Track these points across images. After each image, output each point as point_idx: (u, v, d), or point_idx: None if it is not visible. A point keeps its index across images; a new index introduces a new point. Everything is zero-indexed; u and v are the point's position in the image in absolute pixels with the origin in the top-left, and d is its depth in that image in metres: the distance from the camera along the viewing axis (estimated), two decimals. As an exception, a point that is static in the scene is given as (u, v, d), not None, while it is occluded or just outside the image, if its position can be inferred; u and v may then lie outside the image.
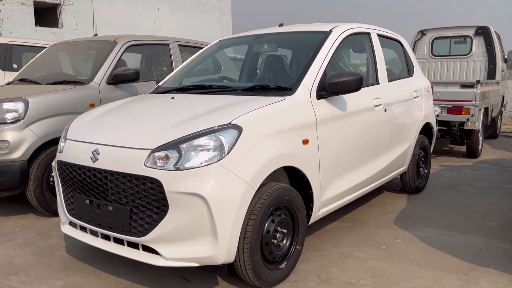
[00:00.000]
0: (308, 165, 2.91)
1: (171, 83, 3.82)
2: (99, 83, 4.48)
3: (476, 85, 6.24)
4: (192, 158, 2.40)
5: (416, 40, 8.72)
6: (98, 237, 2.76)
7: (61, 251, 3.36)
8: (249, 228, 2.47)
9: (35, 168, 3.94)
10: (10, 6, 8.99)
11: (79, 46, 5.38)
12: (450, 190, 5.05)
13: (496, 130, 9.03)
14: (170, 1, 12.43)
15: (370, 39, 3.99)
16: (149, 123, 2.73)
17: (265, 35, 3.97)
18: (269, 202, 2.56)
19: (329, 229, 3.76)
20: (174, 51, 5.44)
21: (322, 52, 3.28)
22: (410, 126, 4.41)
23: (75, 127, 3.03)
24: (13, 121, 3.83)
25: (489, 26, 8.06)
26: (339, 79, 3.03)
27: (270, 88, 3.16)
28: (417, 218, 4.03)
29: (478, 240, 3.49)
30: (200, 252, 2.40)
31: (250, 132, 2.53)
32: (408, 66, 4.70)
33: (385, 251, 3.30)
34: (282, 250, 2.78)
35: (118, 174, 2.51)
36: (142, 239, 2.48)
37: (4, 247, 3.44)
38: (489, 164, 6.49)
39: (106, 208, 2.60)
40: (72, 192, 2.86)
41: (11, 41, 6.81)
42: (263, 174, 2.54)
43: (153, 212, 2.44)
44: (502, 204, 4.43)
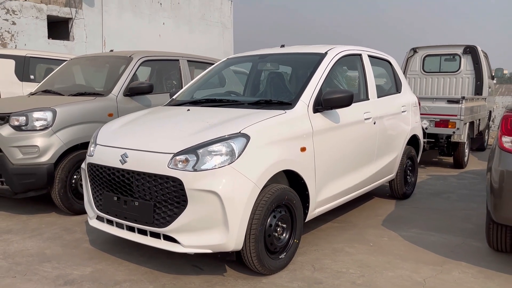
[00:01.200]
0: (305, 169, 3.37)
1: (184, 96, 4.29)
2: (117, 95, 4.95)
3: (461, 101, 6.73)
4: (207, 161, 2.86)
5: (408, 57, 9.24)
6: (124, 229, 3.20)
7: (86, 243, 3.79)
8: (255, 222, 2.92)
9: (60, 170, 4.38)
10: (25, 20, 9.49)
11: (97, 60, 5.86)
12: (435, 196, 5.51)
13: (483, 143, 9.52)
14: (174, 16, 12.98)
15: (362, 60, 4.48)
16: (170, 131, 3.20)
17: (268, 55, 4.46)
18: (271, 200, 3.01)
19: (323, 228, 4.20)
20: (183, 66, 5.92)
21: (318, 71, 3.76)
22: (398, 137, 4.88)
23: (104, 134, 3.49)
24: (42, 128, 4.28)
25: (477, 45, 8.59)
26: (333, 96, 3.51)
27: (273, 102, 3.63)
28: (403, 220, 4.48)
29: (454, 239, 3.94)
30: (213, 240, 2.84)
31: (257, 140, 3.00)
32: (396, 83, 5.19)
33: (372, 247, 3.74)
34: (282, 242, 3.22)
35: (144, 174, 2.97)
36: (163, 229, 2.92)
37: (34, 240, 3.87)
38: (474, 174, 6.96)
39: (132, 204, 3.05)
40: (101, 190, 3.31)
41: (28, 54, 7.27)
42: (267, 176, 3.00)
43: (174, 206, 2.89)
44: (480, 209, 4.89)
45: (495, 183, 3.06)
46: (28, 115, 4.28)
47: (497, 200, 3.06)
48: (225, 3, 15.00)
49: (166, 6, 12.65)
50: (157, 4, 12.38)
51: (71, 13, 10.31)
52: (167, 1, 12.67)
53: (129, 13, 11.66)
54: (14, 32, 9.31)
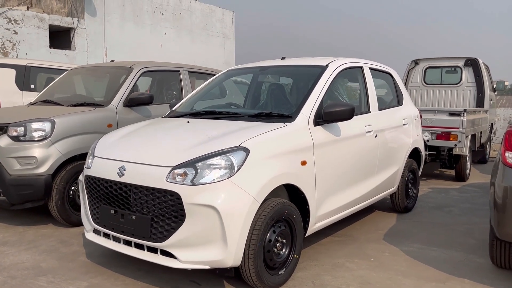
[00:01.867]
0: (306, 183, 3.33)
1: (184, 108, 4.26)
2: (117, 105, 4.92)
3: (463, 114, 6.70)
4: (206, 175, 2.81)
5: (409, 69, 9.23)
6: (121, 243, 3.14)
7: (82, 257, 3.73)
8: (254, 237, 2.87)
9: (58, 182, 4.34)
10: (26, 29, 9.52)
11: (97, 70, 5.85)
12: (437, 210, 5.45)
13: (485, 155, 9.47)
14: (176, 26, 13.03)
15: (363, 72, 4.45)
16: (168, 144, 3.16)
17: (269, 67, 4.44)
18: (271, 215, 2.96)
19: (324, 242, 4.14)
20: (184, 76, 5.91)
21: (319, 84, 3.73)
22: (399, 150, 4.84)
23: (102, 146, 3.45)
24: (40, 139, 4.25)
25: (478, 58, 8.58)
26: (334, 109, 3.47)
27: (273, 115, 3.60)
28: (404, 235, 4.42)
29: (457, 255, 3.88)
30: (211, 256, 2.79)
31: (256, 154, 2.95)
32: (398, 96, 5.16)
33: (373, 262, 3.68)
34: (281, 257, 3.16)
35: (142, 187, 2.93)
36: (161, 244, 2.87)
37: (30, 253, 3.82)
38: (476, 188, 6.90)
39: (130, 217, 3.00)
40: (98, 203, 3.26)
41: (29, 63, 7.27)
42: (267, 190, 2.95)
43: (171, 220, 2.84)
44: (482, 224, 4.83)
45: (498, 199, 3.01)
46: (26, 125, 4.25)
47: (500, 217, 3.00)
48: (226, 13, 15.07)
49: (168, 16, 12.71)
50: (159, 14, 12.44)
51: (73, 22, 10.35)
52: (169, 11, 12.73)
53: (131, 23, 11.71)
54: (16, 41, 9.33)
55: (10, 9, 9.48)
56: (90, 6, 10.69)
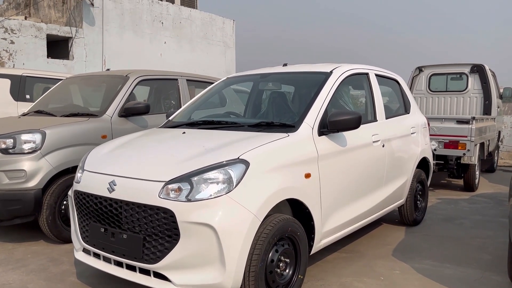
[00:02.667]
0: (310, 197, 3.10)
1: (181, 117, 4.05)
2: (111, 115, 4.72)
3: (471, 121, 6.47)
4: (202, 190, 2.59)
5: (414, 76, 9.03)
6: (111, 263, 2.91)
7: (72, 277, 3.50)
8: (255, 257, 2.63)
9: (48, 196, 4.12)
10: (24, 39, 9.38)
11: (92, 80, 5.66)
12: (447, 223, 5.20)
13: (493, 164, 9.22)
14: (176, 35, 12.89)
15: (369, 79, 4.24)
16: (162, 156, 2.94)
17: (270, 74, 4.23)
18: (273, 233, 2.73)
19: (330, 259, 3.90)
20: (182, 85, 5.71)
21: (323, 91, 3.52)
22: (407, 160, 4.61)
23: (92, 159, 3.23)
24: (30, 151, 4.04)
25: (484, 64, 8.37)
26: (339, 118, 3.25)
27: (274, 124, 3.38)
28: (415, 250, 4.17)
29: (472, 272, 3.63)
30: (208, 279, 2.55)
31: (257, 167, 2.73)
32: (405, 104, 4.95)
33: (383, 281, 3.44)
34: (285, 279, 2.92)
35: (133, 204, 2.70)
36: (153, 266, 2.64)
37: (17, 273, 3.59)
38: (486, 198, 6.65)
39: (121, 236, 2.77)
40: (87, 221, 3.04)
41: (24, 73, 7.09)
42: (268, 206, 2.72)
43: (165, 240, 2.61)
44: (496, 238, 4.57)
45: (519, 214, 2.78)
46: (15, 137, 4.04)
47: (522, 233, 2.76)
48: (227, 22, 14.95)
49: (167, 25, 12.57)
50: (158, 23, 12.30)
51: (71, 32, 10.21)
52: (168, 20, 12.60)
53: (130, 32, 11.57)
54: (13, 51, 9.18)
55: (7, 18, 9.35)
56: (89, 15, 10.55)
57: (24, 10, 11.19)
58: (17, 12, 11.01)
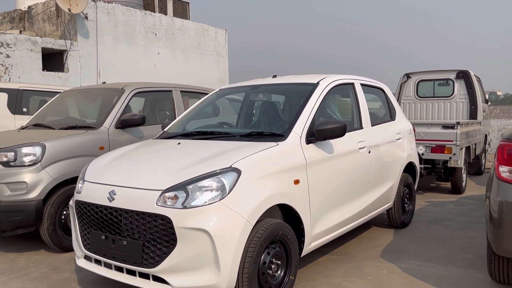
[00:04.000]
0: (299, 202, 3.28)
1: (175, 128, 4.23)
2: (108, 127, 4.88)
3: (456, 126, 6.70)
4: (197, 197, 2.77)
5: (402, 83, 9.26)
6: (112, 269, 3.07)
7: (74, 284, 3.65)
8: (248, 260, 2.81)
9: (49, 206, 4.27)
10: (19, 53, 9.53)
11: (89, 93, 5.83)
12: (434, 224, 5.40)
13: (480, 167, 9.46)
14: (169, 45, 13.09)
15: (354, 89, 4.45)
16: (159, 166, 3.12)
17: (260, 85, 4.43)
18: (265, 236, 2.91)
19: (321, 261, 4.07)
20: (176, 96, 5.89)
21: (310, 102, 3.72)
22: (394, 165, 4.81)
23: (92, 170, 3.40)
24: (30, 163, 4.19)
25: (469, 70, 8.63)
26: (326, 126, 3.45)
27: (264, 134, 3.57)
28: (402, 251, 4.36)
29: (456, 271, 3.82)
30: (204, 281, 2.72)
31: (248, 174, 2.92)
32: (390, 111, 5.16)
33: (371, 281, 3.62)
34: (276, 280, 3.10)
35: (132, 212, 2.87)
36: (152, 270, 2.80)
37: (20, 281, 3.73)
38: (472, 200, 6.86)
39: (121, 243, 2.94)
40: (88, 229, 3.20)
41: (21, 87, 7.23)
42: (260, 211, 2.90)
43: (163, 245, 2.78)
44: (480, 238, 4.77)
45: (494, 213, 2.98)
46: (16, 150, 4.20)
47: (497, 232, 2.96)
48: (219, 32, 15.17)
49: (161, 36, 12.78)
50: (152, 34, 12.51)
51: (66, 45, 10.37)
52: (161, 31, 12.81)
53: (124, 44, 11.76)
54: (8, 65, 9.32)
55: (2, 33, 9.50)
56: (83, 28, 10.73)
57: (18, 24, 11.34)
58: (12, 26, 11.17)
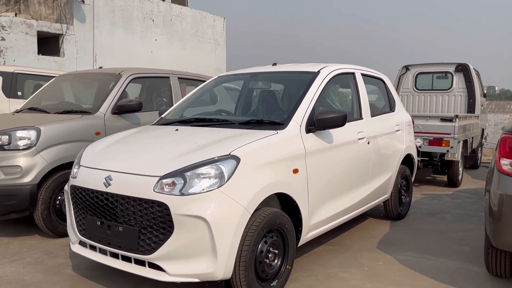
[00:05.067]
0: (298, 192, 3.25)
1: (173, 115, 4.17)
2: (105, 113, 4.81)
3: (454, 119, 6.68)
4: (195, 184, 2.73)
5: (401, 75, 9.22)
6: (107, 255, 3.04)
7: (68, 269, 3.61)
8: (245, 248, 2.78)
9: (43, 191, 4.21)
10: (14, 36, 9.38)
11: (85, 77, 5.74)
12: (430, 217, 5.40)
13: (476, 160, 9.48)
14: (167, 32, 12.95)
15: (355, 78, 4.40)
16: (157, 152, 3.07)
17: (260, 73, 4.37)
18: (262, 225, 2.87)
19: (317, 251, 4.06)
20: (173, 83, 5.82)
21: (311, 90, 3.67)
22: (392, 157, 4.78)
23: (88, 155, 3.35)
24: (25, 147, 4.13)
25: (468, 63, 8.60)
26: (326, 116, 3.41)
27: (264, 122, 3.52)
28: (398, 243, 4.35)
29: (452, 263, 3.81)
30: (201, 268, 2.69)
31: (247, 162, 2.87)
32: (390, 102, 5.12)
33: (367, 272, 3.61)
34: (273, 269, 3.07)
35: (129, 198, 2.83)
36: (148, 256, 2.77)
37: (14, 265, 3.69)
38: (468, 193, 6.88)
39: (116, 229, 2.90)
40: (84, 214, 3.15)
41: (16, 70, 7.13)
42: (258, 199, 2.87)
43: (159, 232, 2.74)
44: (476, 230, 4.78)
45: (494, 206, 2.96)
46: (11, 134, 4.13)
47: (496, 225, 2.95)
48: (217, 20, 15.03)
49: (158, 23, 12.63)
50: (149, 20, 12.35)
51: (62, 29, 10.22)
52: (159, 17, 12.65)
53: (121, 30, 11.60)
54: (3, 48, 9.18)
55: (-3, 15, 9.34)
56: (79, 12, 10.58)
57: (14, 6, 11.16)
58: (7, 9, 10.98)
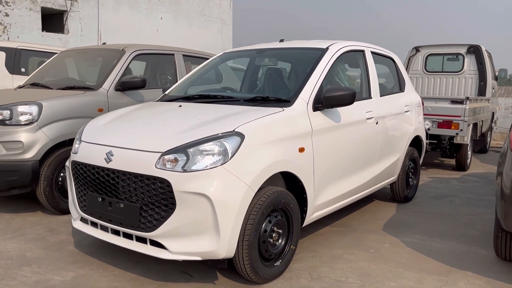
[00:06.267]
0: (303, 171, 3.16)
1: (177, 91, 4.08)
2: (108, 89, 4.73)
3: (465, 102, 6.53)
4: (198, 161, 2.65)
5: (410, 56, 9.03)
6: (108, 232, 2.99)
7: (70, 246, 3.58)
8: (248, 227, 2.71)
9: (45, 168, 4.17)
10: (18, 12, 9.25)
11: (88, 53, 5.63)
12: (438, 200, 5.31)
13: (485, 145, 9.33)
14: (173, 10, 12.75)
15: (364, 56, 4.27)
16: (159, 128, 2.99)
17: (267, 49, 4.24)
18: (266, 204, 2.80)
19: (322, 232, 4.00)
20: (178, 60, 5.70)
21: (319, 67, 3.55)
22: (400, 138, 4.67)
23: (90, 131, 3.27)
24: (27, 123, 4.07)
25: (481, 45, 8.38)
26: (334, 93, 3.30)
27: (270, 99, 3.42)
28: (405, 225, 4.28)
29: (459, 246, 3.74)
30: (203, 247, 2.64)
31: (252, 139, 2.78)
32: (400, 82, 4.99)
33: (373, 254, 3.54)
34: (277, 248, 3.01)
35: (130, 174, 2.76)
36: (150, 234, 2.71)
37: (15, 241, 3.66)
38: (477, 177, 6.77)
39: (118, 205, 2.84)
40: (85, 190, 3.09)
41: (19, 46, 7.03)
42: (262, 178, 2.79)
43: (161, 209, 2.68)
44: (484, 215, 4.69)
45: (506, 189, 2.86)
46: (12, 108, 4.06)
47: (508, 208, 2.86)
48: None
49: (164, 1, 12.42)
50: (155, -2, 12.14)
51: (66, 5, 10.07)
52: (165, -5, 12.44)
53: (126, 7, 11.42)
54: (7, 24, 9.06)
55: (0, -10, 9.20)
56: (84, -12, 10.41)
57: (18, -18, 10.97)
58: (10, -16, 10.80)
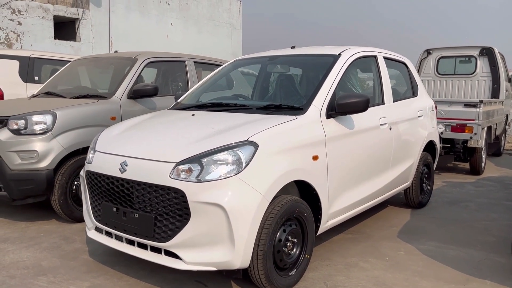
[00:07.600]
0: (317, 179, 3.14)
1: (189, 100, 4.08)
2: (120, 97, 4.76)
3: (479, 105, 6.45)
4: (212, 171, 2.64)
5: (422, 59, 8.95)
6: (123, 242, 2.99)
7: (85, 255, 3.60)
8: (263, 237, 2.70)
9: (60, 176, 4.20)
10: (31, 20, 9.37)
11: (100, 61, 5.68)
12: (452, 205, 5.24)
13: (500, 148, 9.20)
14: (182, 16, 12.82)
15: (377, 62, 4.24)
16: (173, 138, 2.99)
17: (278, 56, 4.23)
18: (281, 213, 2.79)
19: (336, 240, 3.97)
20: (189, 67, 5.72)
21: (331, 74, 3.53)
22: (414, 143, 4.63)
23: (104, 140, 3.29)
24: (41, 132, 4.10)
25: (493, 47, 8.28)
26: (348, 100, 3.27)
27: (283, 107, 3.41)
28: (420, 232, 4.23)
29: (476, 254, 3.68)
30: (218, 257, 2.63)
31: (266, 148, 2.77)
32: (412, 87, 4.94)
33: (388, 262, 3.50)
34: (292, 258, 2.99)
35: (144, 184, 2.76)
36: (164, 244, 2.71)
37: (31, 250, 3.69)
38: (492, 181, 6.67)
39: (132, 215, 2.84)
40: (99, 200, 3.11)
41: (33, 54, 7.11)
42: (277, 187, 2.77)
43: (176, 219, 2.68)
44: (501, 220, 4.62)
45: (525, 196, 2.80)
46: (27, 118, 4.10)
47: (527, 216, 2.80)
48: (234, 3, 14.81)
49: (174, 7, 12.49)
50: (165, 4, 12.23)
51: (78, 13, 10.19)
52: (175, 1, 12.51)
53: (137, 14, 11.52)
54: (20, 32, 9.19)
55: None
56: (95, -4, 10.51)
57: (30, -10, 11.13)
58: (23, -7, 10.97)
